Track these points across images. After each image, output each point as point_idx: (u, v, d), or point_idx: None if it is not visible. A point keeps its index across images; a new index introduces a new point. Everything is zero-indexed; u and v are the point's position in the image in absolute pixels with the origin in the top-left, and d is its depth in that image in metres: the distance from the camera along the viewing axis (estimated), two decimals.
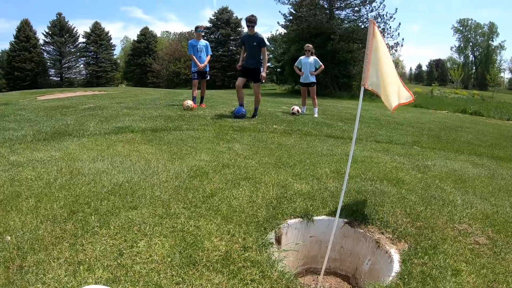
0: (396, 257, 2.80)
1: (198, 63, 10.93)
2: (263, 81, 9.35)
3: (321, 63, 11.03)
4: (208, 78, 11.69)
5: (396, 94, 3.06)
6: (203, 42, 11.19)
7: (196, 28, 11.25)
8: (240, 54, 9.58)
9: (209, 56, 11.31)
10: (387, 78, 2.97)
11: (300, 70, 11.17)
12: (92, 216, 3.02)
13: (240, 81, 9.36)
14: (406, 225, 3.29)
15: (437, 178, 4.91)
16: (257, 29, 8.96)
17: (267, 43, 65.25)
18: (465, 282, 2.48)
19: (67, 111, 9.50)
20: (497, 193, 4.50)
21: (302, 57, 11.19)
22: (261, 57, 9.17)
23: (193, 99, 11.30)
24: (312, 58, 11.00)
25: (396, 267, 2.67)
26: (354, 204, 3.63)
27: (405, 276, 2.52)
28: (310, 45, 11.27)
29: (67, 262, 2.38)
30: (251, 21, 8.84)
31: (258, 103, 9.71)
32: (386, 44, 3.05)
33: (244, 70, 9.29)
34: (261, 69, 9.20)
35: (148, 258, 2.46)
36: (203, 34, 11.62)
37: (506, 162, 6.63)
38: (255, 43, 8.97)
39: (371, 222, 3.33)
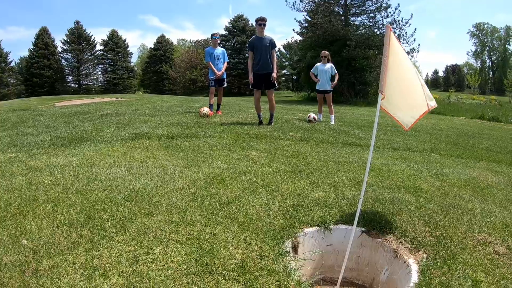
0: (414, 267, 2.75)
1: (216, 71, 10.83)
2: (277, 86, 9.20)
3: (336, 71, 11.04)
4: (225, 85, 11.55)
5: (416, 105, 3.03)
6: (219, 50, 11.09)
7: (212, 35, 11.21)
8: (249, 62, 9.09)
9: (226, 63, 11.18)
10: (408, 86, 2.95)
11: (316, 77, 11.15)
12: (109, 222, 3.03)
13: (258, 93, 9.16)
14: (424, 234, 3.23)
15: (456, 186, 4.83)
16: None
17: (283, 50, 65.44)
18: None
19: (84, 117, 9.61)
20: None
21: (318, 64, 11.14)
22: (272, 60, 8.96)
23: (210, 106, 11.11)
24: (329, 65, 10.95)
25: (415, 277, 2.62)
26: (371, 213, 3.58)
27: (424, 287, 2.47)
28: (327, 52, 11.18)
29: (82, 267, 2.38)
30: (263, 19, 8.71)
31: (273, 109, 9.50)
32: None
33: (257, 79, 9.02)
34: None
35: (164, 265, 2.45)
36: (219, 41, 11.49)
37: None
38: (267, 44, 8.79)
39: (389, 231, 3.28)
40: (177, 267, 2.44)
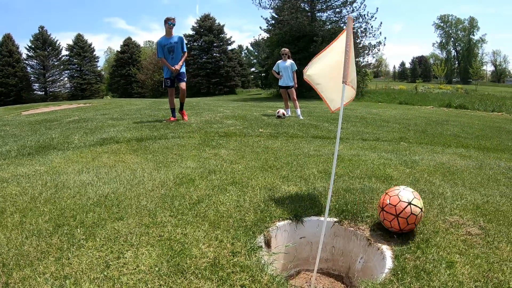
0: (388, 253, 2.77)
1: (171, 67, 8.83)
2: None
3: (296, 67, 11.37)
4: (185, 80, 9.18)
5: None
6: (175, 38, 8.87)
7: (166, 21, 8.85)
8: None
9: (185, 54, 9.07)
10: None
11: (278, 73, 11.39)
12: (78, 229, 2.96)
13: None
14: None
15: (426, 172, 4.91)
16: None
17: (251, 48, 65.63)
18: (460, 273, 2.46)
19: (51, 125, 9.41)
20: (486, 183, 4.51)
21: (279, 61, 11.48)
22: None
23: (172, 111, 9.53)
24: (289, 62, 11.29)
25: (389, 263, 2.64)
26: (343, 203, 3.60)
27: (399, 272, 2.49)
28: (287, 49, 11.55)
29: (53, 277, 2.32)
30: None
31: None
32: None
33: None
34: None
35: (135, 268, 2.40)
36: (173, 26, 8.97)
37: (493, 152, 6.70)
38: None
39: (361, 219, 3.30)
40: (148, 269, 2.40)
